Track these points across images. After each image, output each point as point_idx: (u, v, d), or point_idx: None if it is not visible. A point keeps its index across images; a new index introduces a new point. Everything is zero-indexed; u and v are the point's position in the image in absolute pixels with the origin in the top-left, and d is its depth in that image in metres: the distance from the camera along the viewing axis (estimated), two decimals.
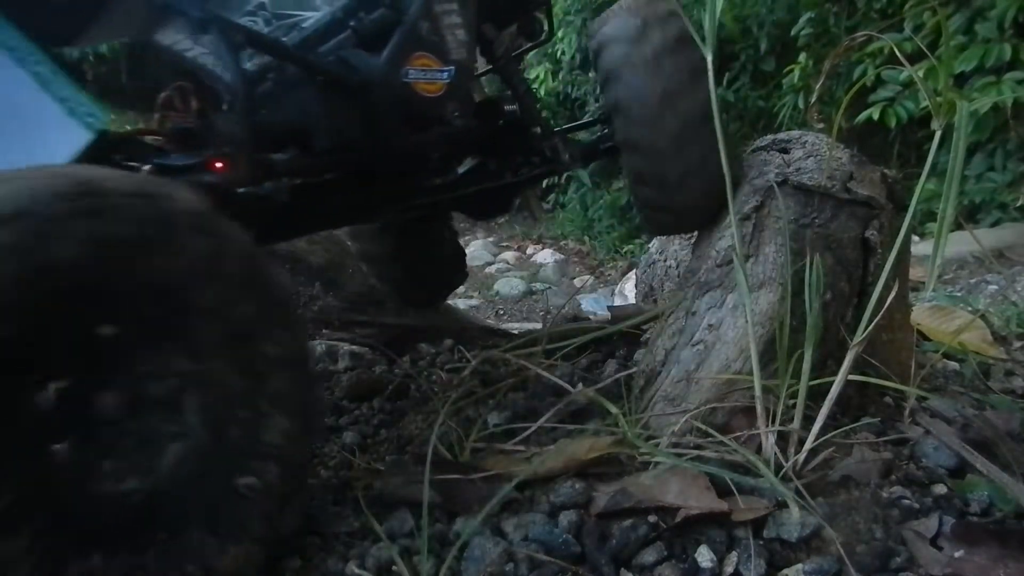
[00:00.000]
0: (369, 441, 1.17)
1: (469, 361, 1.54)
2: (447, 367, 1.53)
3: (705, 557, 0.77)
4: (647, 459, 0.93)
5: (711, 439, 0.93)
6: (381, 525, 0.85)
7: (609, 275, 5.69)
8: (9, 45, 0.83)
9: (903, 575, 0.74)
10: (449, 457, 1.00)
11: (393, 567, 0.77)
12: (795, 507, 0.79)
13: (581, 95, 7.44)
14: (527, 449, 1.00)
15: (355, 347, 1.58)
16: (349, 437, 1.17)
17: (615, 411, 1.03)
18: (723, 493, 0.83)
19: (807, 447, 0.88)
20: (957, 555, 0.75)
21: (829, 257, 1.05)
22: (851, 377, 0.90)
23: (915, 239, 3.36)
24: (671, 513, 0.81)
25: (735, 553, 0.78)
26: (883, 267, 0.90)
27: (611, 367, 1.34)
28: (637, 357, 1.26)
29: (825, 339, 1.00)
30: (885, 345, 1.13)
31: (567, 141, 1.47)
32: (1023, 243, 3.40)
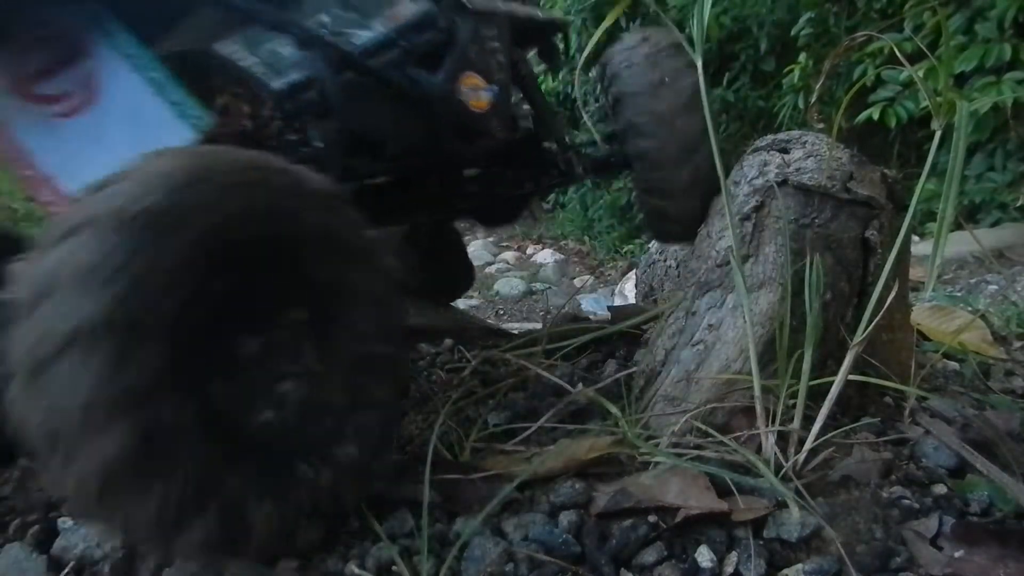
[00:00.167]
0: None
1: (469, 361, 1.54)
2: (447, 367, 1.53)
3: (705, 557, 0.77)
4: (647, 459, 0.93)
5: (711, 439, 0.93)
6: (381, 525, 0.85)
7: (609, 275, 5.69)
8: (128, 53, 0.93)
9: (903, 575, 0.74)
10: (449, 457, 1.00)
11: (393, 567, 0.77)
12: (795, 507, 0.79)
13: (581, 95, 7.42)
14: (527, 449, 1.01)
15: None
16: None
17: (615, 411, 1.03)
18: (723, 493, 0.83)
19: (807, 447, 0.88)
20: (957, 555, 0.75)
21: (829, 257, 1.05)
22: (851, 377, 0.90)
23: (915, 239, 3.36)
24: (671, 513, 0.81)
25: (735, 553, 0.78)
26: (883, 267, 0.90)
27: (611, 367, 1.34)
28: (637, 357, 1.26)
29: (825, 339, 1.00)
30: (885, 345, 1.13)
31: (580, 154, 1.62)
32: (1023, 243, 3.40)
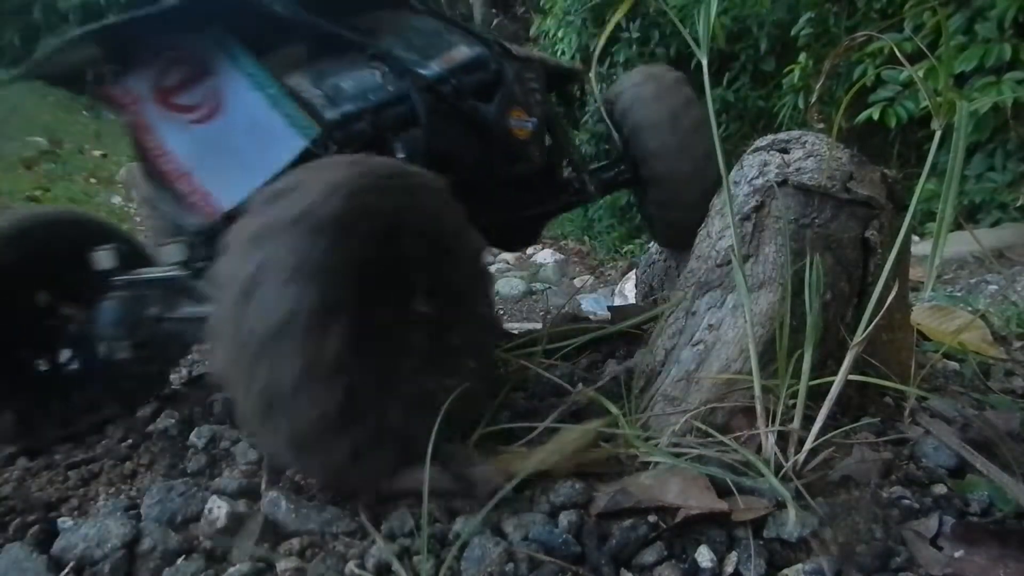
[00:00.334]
0: None
1: None
2: None
3: (705, 557, 0.77)
4: (647, 459, 0.93)
5: (711, 439, 0.93)
6: (381, 525, 0.85)
7: (609, 275, 5.69)
8: (248, 72, 1.10)
9: (903, 575, 0.74)
10: (451, 457, 1.00)
11: (393, 567, 0.77)
12: (795, 507, 0.79)
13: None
14: (527, 449, 1.00)
15: None
16: None
17: (615, 411, 1.03)
18: (723, 493, 0.83)
19: (807, 447, 0.88)
20: (957, 555, 0.75)
21: (829, 257, 1.05)
22: (851, 377, 0.90)
23: (915, 239, 3.37)
24: (671, 513, 0.81)
25: (735, 553, 0.78)
26: (883, 267, 0.90)
27: (611, 367, 1.34)
28: (637, 357, 1.26)
29: (825, 339, 1.00)
30: (885, 345, 1.13)
31: (592, 175, 1.85)
32: (1023, 243, 3.40)
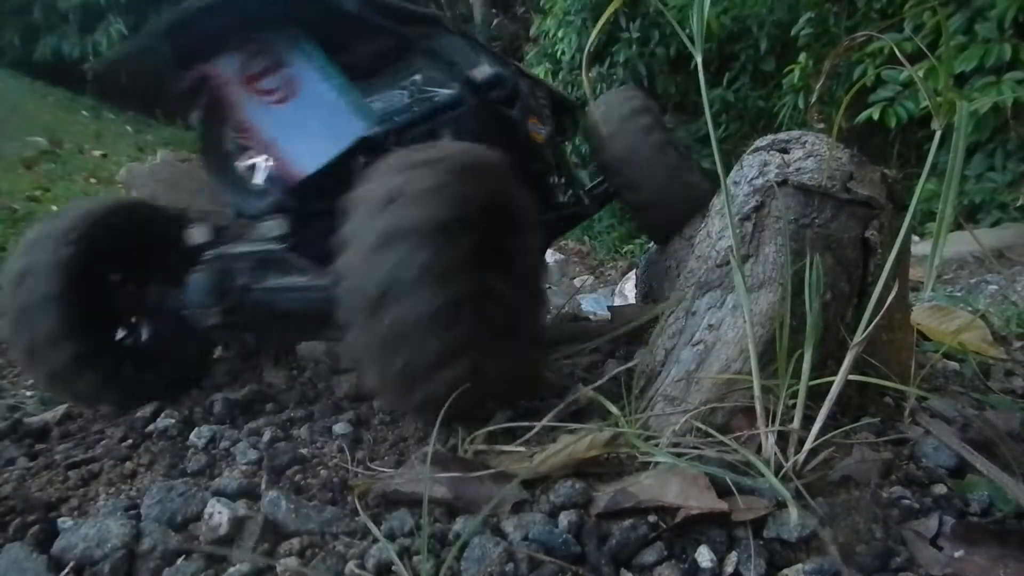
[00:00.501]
0: (369, 441, 1.17)
1: None
2: None
3: (705, 557, 0.77)
4: (647, 459, 0.93)
5: (711, 439, 0.93)
6: (381, 525, 0.85)
7: (609, 275, 5.69)
8: (318, 65, 1.25)
9: (903, 575, 0.74)
10: (451, 456, 1.00)
11: (393, 567, 0.77)
12: (795, 507, 0.79)
13: (581, 95, 7.44)
14: (528, 449, 1.00)
15: None
16: (349, 437, 1.17)
17: (615, 411, 1.03)
18: (723, 493, 0.83)
19: (807, 447, 0.88)
20: (957, 555, 0.75)
21: (829, 257, 1.05)
22: (851, 377, 0.90)
23: (915, 239, 3.37)
24: (671, 513, 0.81)
25: (735, 553, 0.78)
26: (883, 267, 0.90)
27: (611, 367, 1.34)
28: (637, 357, 1.26)
29: (825, 339, 1.00)
30: (885, 345, 1.13)
31: (587, 191, 2.05)
32: (1023, 243, 3.40)
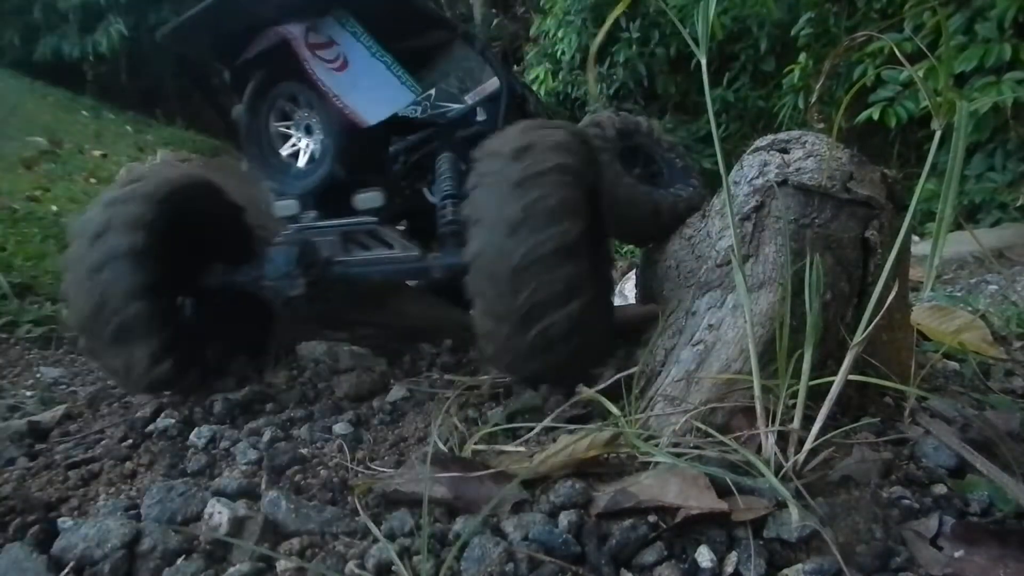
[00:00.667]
0: (369, 441, 1.17)
1: (469, 361, 1.55)
2: (447, 367, 1.53)
3: (705, 557, 0.77)
4: (647, 459, 0.93)
5: (711, 439, 0.93)
6: (381, 525, 0.85)
7: None
8: (366, 44, 1.40)
9: (903, 575, 0.74)
10: (451, 456, 1.00)
11: (393, 567, 0.77)
12: (795, 507, 0.79)
13: (581, 95, 7.44)
14: (528, 449, 1.01)
15: (355, 347, 1.58)
16: (349, 437, 1.17)
17: (615, 411, 1.03)
18: (723, 493, 0.83)
19: (807, 447, 0.88)
20: (957, 555, 0.75)
21: (829, 257, 1.05)
22: (851, 377, 0.90)
23: (915, 239, 3.37)
24: (671, 513, 0.81)
25: (735, 553, 0.78)
26: (883, 267, 0.90)
27: (611, 367, 1.34)
28: (637, 357, 1.26)
29: (825, 339, 1.00)
30: (885, 345, 1.13)
31: None
32: (1023, 243, 3.40)
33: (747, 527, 0.80)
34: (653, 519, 0.81)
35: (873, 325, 0.86)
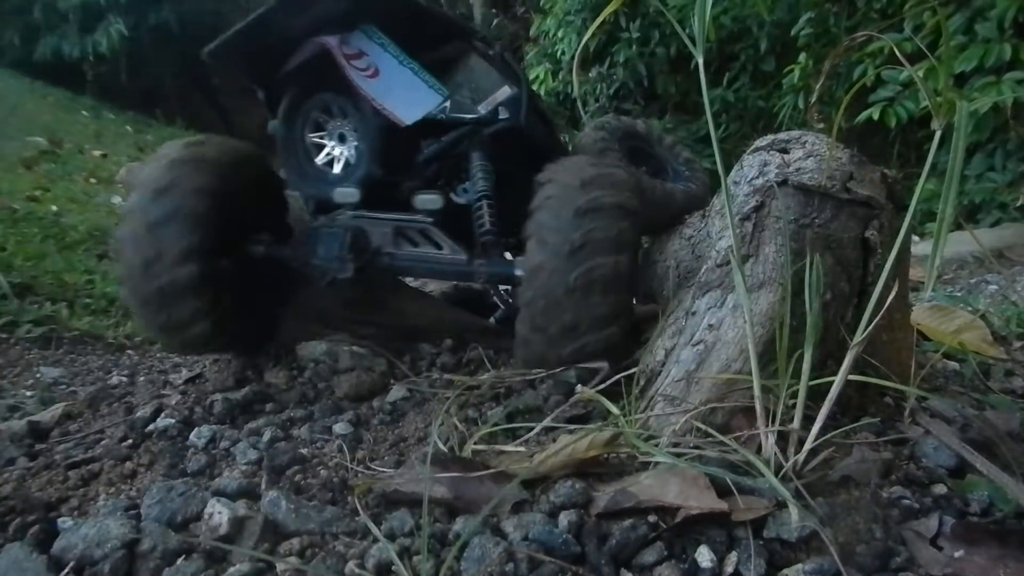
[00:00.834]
0: (369, 441, 1.17)
1: (469, 361, 1.55)
2: (447, 367, 1.53)
3: (705, 557, 0.77)
4: (647, 459, 0.93)
5: (711, 439, 0.93)
6: (381, 525, 0.85)
7: None
8: (393, 54, 1.51)
9: (903, 575, 0.74)
10: (451, 456, 1.00)
11: (393, 567, 0.77)
12: (795, 507, 0.79)
13: (581, 95, 7.44)
14: (528, 449, 1.01)
15: (355, 347, 1.58)
16: (349, 437, 1.17)
17: (615, 411, 1.03)
18: (723, 493, 0.83)
19: (807, 447, 0.88)
20: (957, 555, 0.75)
21: (829, 257, 1.05)
22: (851, 377, 0.90)
23: (915, 239, 3.37)
24: (671, 513, 0.81)
25: (735, 553, 0.78)
26: (883, 267, 0.90)
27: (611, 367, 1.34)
28: (637, 357, 1.26)
29: (825, 339, 1.00)
30: (885, 345, 1.13)
31: None
32: (1023, 243, 3.40)
33: (747, 527, 0.80)
34: (653, 519, 0.81)
35: (873, 325, 0.86)
